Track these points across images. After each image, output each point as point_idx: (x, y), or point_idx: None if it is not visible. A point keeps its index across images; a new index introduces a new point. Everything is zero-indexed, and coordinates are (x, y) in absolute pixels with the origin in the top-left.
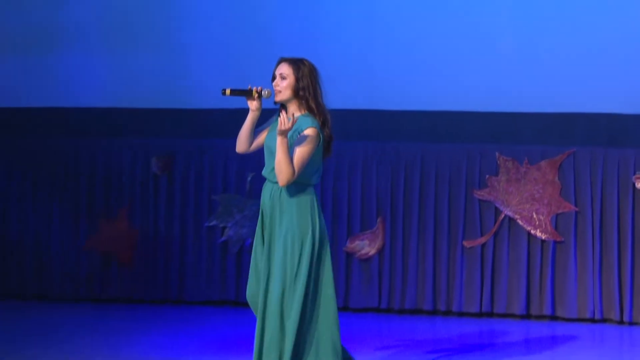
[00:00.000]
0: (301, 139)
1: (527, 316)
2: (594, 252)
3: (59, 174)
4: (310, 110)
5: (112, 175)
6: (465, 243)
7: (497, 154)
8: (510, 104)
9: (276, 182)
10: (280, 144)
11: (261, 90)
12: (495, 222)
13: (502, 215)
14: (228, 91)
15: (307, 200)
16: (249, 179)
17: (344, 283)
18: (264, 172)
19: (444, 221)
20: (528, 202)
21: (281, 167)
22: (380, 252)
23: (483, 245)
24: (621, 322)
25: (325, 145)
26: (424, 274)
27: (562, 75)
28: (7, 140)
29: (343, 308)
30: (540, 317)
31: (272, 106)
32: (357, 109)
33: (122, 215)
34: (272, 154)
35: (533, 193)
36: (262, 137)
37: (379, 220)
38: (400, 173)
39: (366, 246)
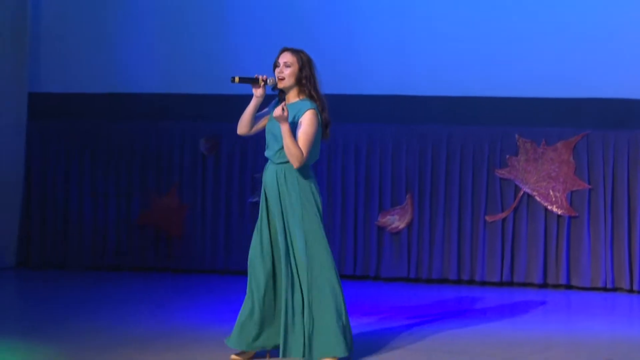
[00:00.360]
0: (304, 122)
1: (544, 285)
2: (606, 226)
3: (115, 154)
4: (310, 96)
5: (163, 156)
6: (487, 218)
7: (517, 136)
8: (529, 90)
9: (279, 164)
10: (284, 132)
11: (266, 79)
12: (515, 199)
13: (521, 192)
14: (237, 79)
15: (309, 178)
16: None
17: (375, 255)
18: (268, 154)
19: (468, 198)
20: (545, 180)
21: (291, 151)
22: (409, 226)
23: (504, 220)
24: (631, 290)
25: (323, 129)
26: (450, 246)
27: (577, 62)
28: (68, 124)
29: (374, 277)
30: (557, 286)
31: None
32: (389, 95)
33: (172, 192)
34: (275, 137)
35: (550, 172)
36: (262, 122)
37: (408, 196)
38: (428, 153)
39: (396, 221)
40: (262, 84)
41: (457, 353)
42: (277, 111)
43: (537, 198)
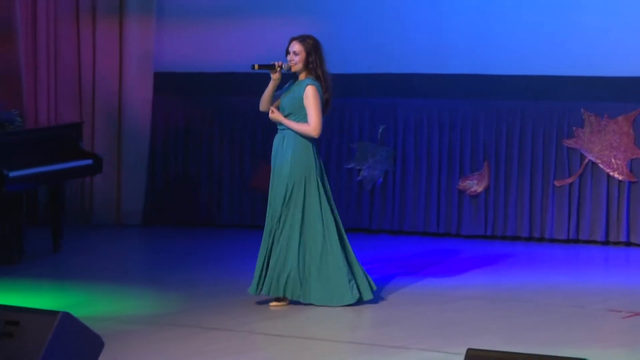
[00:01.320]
0: (307, 97)
1: (606, 242)
2: None
3: (227, 124)
4: (317, 77)
5: (270, 127)
6: (556, 182)
7: (582, 110)
8: (594, 69)
9: (281, 130)
10: (287, 125)
11: (282, 65)
12: (580, 166)
13: (587, 160)
14: (257, 66)
15: (309, 146)
16: (380, 130)
17: (456, 215)
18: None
19: (539, 164)
20: (607, 150)
21: (302, 132)
22: (486, 190)
23: (570, 185)
24: None
25: (323, 106)
26: (522, 208)
27: (637, 44)
28: (187, 99)
29: (456, 235)
30: (617, 243)
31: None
32: (468, 74)
33: None
34: (283, 109)
35: (612, 142)
36: (270, 91)
37: (485, 164)
38: (503, 126)
39: (475, 185)
40: (278, 69)
41: (525, 301)
42: (271, 116)
43: (601, 165)
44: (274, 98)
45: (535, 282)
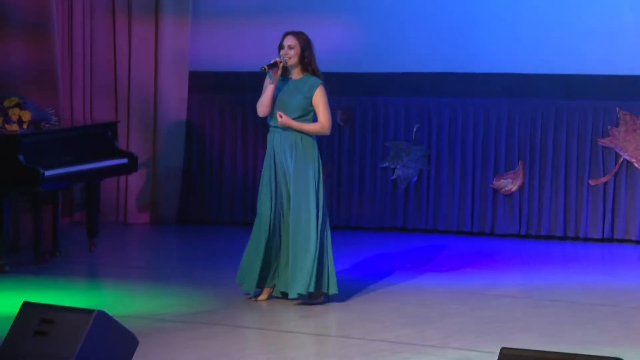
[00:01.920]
0: (319, 98)
1: None
2: None
3: (262, 123)
4: (313, 72)
5: None
6: (590, 181)
7: (617, 109)
8: (629, 68)
9: (286, 129)
10: (297, 128)
11: (281, 61)
12: (615, 165)
13: (621, 159)
14: (265, 67)
15: (313, 142)
16: (415, 129)
17: (491, 214)
18: (274, 123)
19: (573, 163)
20: None
21: (316, 130)
22: (520, 188)
23: (605, 184)
24: None
25: None
26: (557, 207)
27: None
28: (222, 98)
29: (490, 234)
30: None
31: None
32: (502, 73)
33: None
34: (285, 107)
35: None
36: (270, 93)
37: (520, 162)
38: (538, 124)
39: (509, 184)
40: (281, 65)
41: (559, 300)
42: (280, 122)
43: (635, 164)
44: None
45: (570, 281)
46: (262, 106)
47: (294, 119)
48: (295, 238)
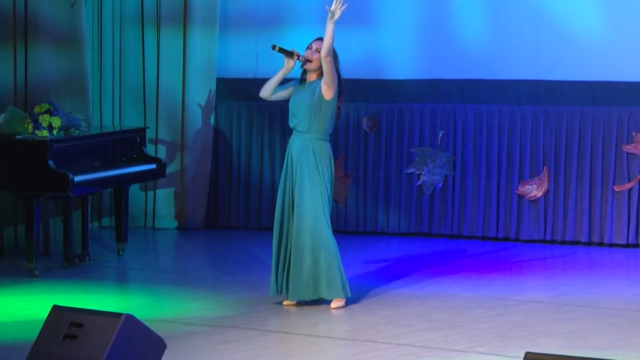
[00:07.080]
0: (326, 64)
1: None
2: None
3: (289, 130)
4: None
5: (334, 132)
6: (615, 187)
7: None
8: None
9: (302, 132)
10: (330, 32)
11: (299, 54)
12: (639, 171)
13: None
14: (277, 47)
15: (328, 148)
16: (440, 135)
17: (516, 220)
18: (293, 124)
19: (598, 169)
20: None
21: (326, 46)
22: (545, 194)
23: (630, 190)
24: None
25: (335, 111)
26: (582, 213)
27: None
28: (250, 105)
29: (515, 239)
30: None
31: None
32: (527, 79)
33: (339, 163)
34: (303, 108)
35: None
36: (282, 93)
37: (545, 168)
38: (563, 130)
39: (534, 190)
40: (296, 58)
41: (584, 306)
42: (333, 8)
43: None
44: (277, 89)
45: (595, 287)
46: (266, 88)
47: (307, 118)
48: (296, 244)
